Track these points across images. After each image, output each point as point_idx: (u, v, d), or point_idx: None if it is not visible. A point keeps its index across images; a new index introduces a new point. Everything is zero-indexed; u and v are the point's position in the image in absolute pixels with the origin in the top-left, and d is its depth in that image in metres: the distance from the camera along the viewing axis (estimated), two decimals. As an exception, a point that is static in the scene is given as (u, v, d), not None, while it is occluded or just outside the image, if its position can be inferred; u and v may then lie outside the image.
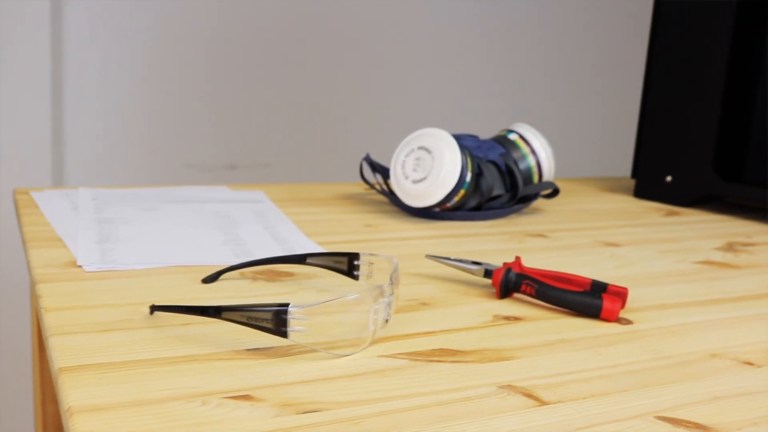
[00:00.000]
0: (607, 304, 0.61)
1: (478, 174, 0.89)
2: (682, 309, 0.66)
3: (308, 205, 0.95)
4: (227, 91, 2.08)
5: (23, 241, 0.75)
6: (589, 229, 0.92)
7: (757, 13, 1.04)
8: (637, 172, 1.12)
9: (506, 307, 0.63)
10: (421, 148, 0.86)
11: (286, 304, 0.51)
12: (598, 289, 0.64)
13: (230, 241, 0.77)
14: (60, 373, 0.48)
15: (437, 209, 0.89)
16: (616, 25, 2.41)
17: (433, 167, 0.85)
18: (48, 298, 0.60)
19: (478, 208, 0.91)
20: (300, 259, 0.66)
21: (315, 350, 0.53)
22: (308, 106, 2.16)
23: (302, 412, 0.45)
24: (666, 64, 1.07)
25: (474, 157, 0.89)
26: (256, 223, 0.84)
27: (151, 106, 2.00)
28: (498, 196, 0.92)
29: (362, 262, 0.64)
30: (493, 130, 0.97)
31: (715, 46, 1.02)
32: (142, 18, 1.94)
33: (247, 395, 0.47)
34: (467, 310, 0.62)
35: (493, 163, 0.92)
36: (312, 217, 0.90)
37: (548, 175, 0.96)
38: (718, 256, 0.83)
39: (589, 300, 0.61)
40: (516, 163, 0.93)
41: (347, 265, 0.64)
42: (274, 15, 2.07)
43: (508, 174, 0.93)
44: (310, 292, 0.65)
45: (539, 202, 1.02)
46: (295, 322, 0.51)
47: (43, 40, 1.84)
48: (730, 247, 0.88)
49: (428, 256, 0.69)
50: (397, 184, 0.88)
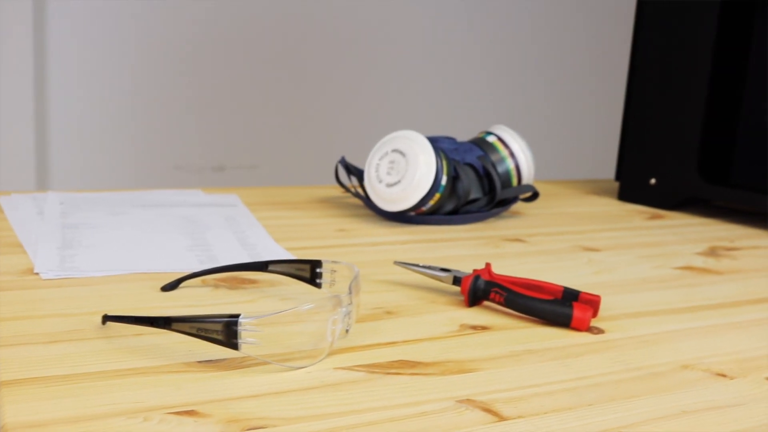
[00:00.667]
0: (578, 312, 0.59)
1: (455, 177, 0.87)
2: (657, 317, 0.64)
3: (282, 209, 0.93)
4: (215, 93, 2.06)
5: (-18, 248, 0.73)
6: (568, 233, 0.89)
7: (741, 14, 1.02)
8: (620, 175, 1.10)
9: (474, 315, 0.61)
10: (395, 151, 0.84)
11: (237, 315, 0.49)
12: (570, 297, 0.62)
13: (196, 247, 0.75)
14: (1, 387, 0.46)
15: (412, 213, 0.87)
16: (599, 26, 2.39)
17: (407, 171, 0.83)
18: (1, 306, 0.58)
19: (454, 212, 0.89)
20: (262, 267, 0.64)
21: (267, 363, 0.50)
22: (296, 108, 2.14)
23: (248, 429, 0.43)
24: (649, 65, 1.05)
25: (450, 160, 0.86)
26: (226, 228, 0.82)
27: (138, 107, 1.98)
28: (475, 200, 0.90)
29: (325, 270, 0.61)
30: (476, 132, 0.95)
31: (698, 46, 1.00)
32: (127, 18, 1.92)
33: (192, 410, 0.45)
34: (433, 319, 0.60)
35: (471, 166, 0.90)
36: (284, 221, 0.88)
37: (528, 178, 0.94)
38: (699, 262, 0.81)
39: (558, 309, 0.59)
40: (494, 166, 0.91)
41: (310, 272, 0.62)
42: (263, 17, 2.05)
43: (486, 177, 0.91)
44: (272, 300, 0.63)
45: (519, 206, 1.00)
46: (247, 334, 0.49)
47: (25, 41, 1.82)
48: (713, 252, 0.85)
49: (396, 263, 0.67)
50: (371, 188, 0.86)
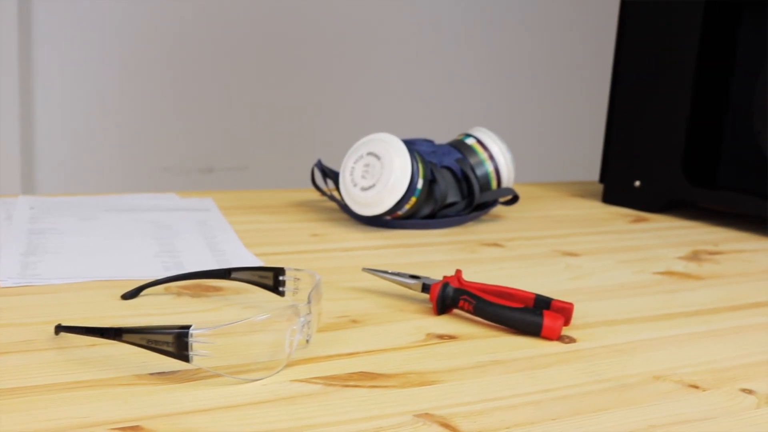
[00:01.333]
0: (548, 321, 0.57)
1: (432, 181, 0.85)
2: (632, 325, 0.62)
3: (257, 213, 0.91)
4: (203, 94, 2.04)
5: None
6: (548, 237, 0.88)
7: (726, 14, 1.00)
8: (605, 177, 1.08)
9: (442, 324, 0.59)
10: (370, 154, 0.82)
11: (188, 327, 0.47)
12: (542, 305, 0.60)
13: (163, 253, 0.73)
14: (-55, 401, 0.45)
15: (388, 217, 0.85)
16: (584, 27, 2.37)
17: (382, 174, 0.81)
18: (-50, 317, 0.56)
19: (432, 216, 0.87)
20: (224, 274, 0.62)
21: (221, 375, 0.49)
22: (286, 108, 2.12)
23: (193, 446, 0.41)
24: (633, 66, 1.04)
25: (427, 163, 0.85)
26: (196, 234, 0.80)
27: (126, 108, 1.96)
28: (453, 204, 0.88)
29: (288, 278, 0.60)
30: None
31: (682, 47, 0.99)
32: (114, 19, 1.90)
33: (138, 426, 0.43)
34: (399, 328, 0.58)
35: (449, 169, 0.88)
36: (258, 226, 0.86)
37: (507, 181, 0.92)
38: (681, 266, 0.79)
39: (528, 317, 0.57)
40: (473, 169, 0.89)
41: (273, 280, 0.60)
42: (252, 18, 2.03)
43: (464, 180, 0.89)
44: (235, 308, 0.61)
45: (500, 209, 0.98)
46: (198, 346, 0.47)
47: (10, 42, 1.80)
48: (695, 256, 0.84)
49: (365, 270, 0.65)
50: (345, 192, 0.84)
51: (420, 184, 0.82)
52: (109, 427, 0.43)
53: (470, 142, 0.91)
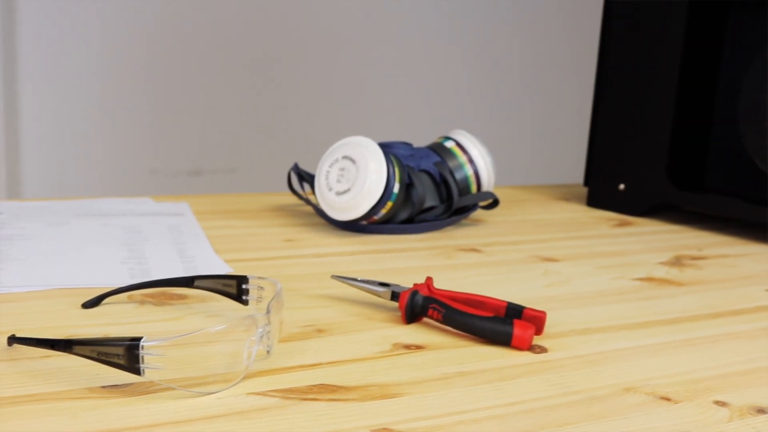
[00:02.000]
0: (518, 330, 0.55)
1: (409, 184, 0.84)
2: (607, 334, 0.60)
3: (232, 217, 0.89)
4: (191, 96, 2.02)
5: None
6: (528, 242, 0.86)
7: (711, 14, 0.98)
8: (589, 180, 1.06)
9: (411, 334, 0.58)
10: (345, 158, 0.81)
11: (139, 339, 0.46)
12: (513, 314, 0.59)
13: (131, 260, 0.71)
14: None
15: (364, 222, 0.83)
16: (568, 28, 2.36)
17: (357, 178, 0.79)
18: None
19: (410, 221, 0.85)
20: (188, 282, 0.60)
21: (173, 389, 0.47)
22: (274, 111, 2.11)
23: (138, 465, 0.39)
24: (617, 66, 1.02)
25: (404, 167, 0.83)
26: (167, 239, 0.78)
27: (113, 110, 1.95)
28: (431, 208, 0.87)
29: (252, 286, 0.58)
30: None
31: (667, 48, 0.97)
32: (101, 21, 1.88)
33: (83, 443, 0.41)
34: (366, 338, 0.57)
35: (427, 173, 0.87)
36: (232, 231, 0.84)
37: (487, 185, 0.90)
38: (662, 272, 0.78)
39: (498, 326, 0.56)
40: (452, 173, 0.87)
41: (236, 288, 0.58)
42: (240, 21, 2.02)
43: (443, 184, 0.87)
44: (199, 317, 0.59)
45: (481, 214, 0.96)
46: (150, 358, 0.46)
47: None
48: (678, 261, 0.82)
49: (333, 277, 0.63)
50: (321, 196, 0.82)
51: (396, 189, 0.81)
52: (54, 443, 0.41)
53: (449, 145, 0.90)
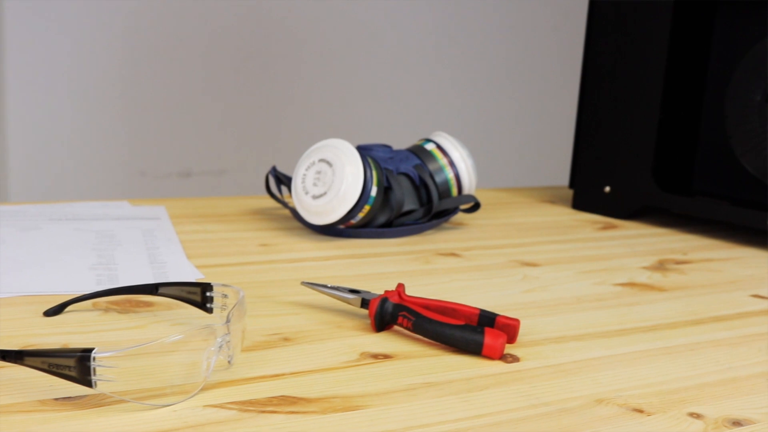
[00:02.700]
0: (489, 339, 0.53)
1: (387, 188, 0.82)
2: (583, 342, 0.59)
3: (208, 221, 0.88)
4: (181, 97, 2.01)
5: None
6: (509, 246, 0.84)
7: (698, 14, 0.97)
8: (574, 183, 1.05)
9: (379, 342, 0.56)
10: (322, 161, 0.79)
11: (90, 350, 0.44)
12: (486, 322, 0.57)
13: (100, 266, 0.70)
14: None
15: (341, 226, 0.81)
16: (553, 28, 2.34)
17: (333, 182, 0.78)
18: None
19: (388, 225, 0.84)
20: (151, 289, 0.59)
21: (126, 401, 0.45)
22: (265, 112, 2.09)
23: (82, 483, 0.38)
24: (602, 67, 1.00)
25: (382, 170, 0.81)
26: (139, 244, 0.77)
27: (102, 111, 1.93)
28: (411, 212, 0.85)
29: (216, 294, 0.56)
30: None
31: (652, 48, 0.95)
32: (89, 21, 1.87)
33: (29, 459, 0.39)
34: (333, 347, 0.55)
35: (406, 176, 0.85)
36: (207, 235, 0.82)
37: (468, 188, 0.89)
38: (644, 277, 0.76)
39: (468, 335, 0.54)
40: (431, 176, 0.86)
41: (200, 296, 0.57)
42: (229, 22, 2.00)
43: (423, 187, 0.86)
44: (163, 325, 0.58)
45: (463, 217, 0.95)
46: (102, 370, 0.44)
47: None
48: (661, 266, 0.80)
49: (303, 283, 0.62)
50: (297, 200, 0.80)
51: (374, 192, 0.79)
52: (-2, 460, 0.39)
53: (430, 147, 0.88)
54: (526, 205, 1.07)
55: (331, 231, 0.82)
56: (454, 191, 0.88)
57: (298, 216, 0.84)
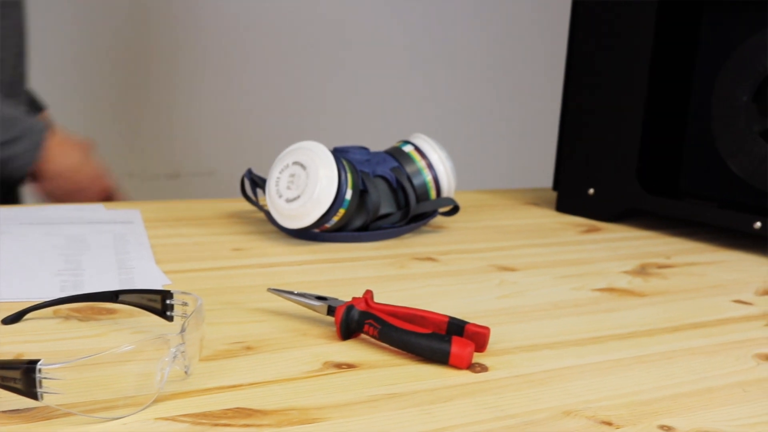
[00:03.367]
0: (456, 348, 0.52)
1: (363, 191, 0.80)
2: (555, 350, 0.57)
3: (183, 225, 0.86)
4: (169, 98, 1.99)
5: None
6: (488, 250, 0.83)
7: (682, 14, 0.95)
8: (558, 185, 1.03)
9: (345, 351, 0.54)
10: (296, 164, 0.78)
11: (36, 362, 0.42)
12: (454, 330, 0.56)
13: (66, 271, 0.68)
14: None
15: (316, 230, 0.80)
16: (537, 29, 2.33)
17: (307, 185, 0.76)
18: None
19: (365, 228, 0.82)
20: (112, 297, 0.57)
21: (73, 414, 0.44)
22: (253, 113, 2.08)
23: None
24: (585, 67, 0.99)
25: (358, 172, 0.80)
26: (109, 249, 0.75)
27: (89, 111, 1.91)
28: (387, 215, 0.83)
29: (176, 301, 0.55)
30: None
31: (636, 49, 0.94)
32: (78, 20, 1.85)
33: (-34, 477, 0.38)
34: (296, 356, 0.53)
35: (383, 178, 0.83)
36: (180, 239, 0.81)
37: (447, 191, 0.87)
38: (624, 282, 0.75)
39: (435, 344, 0.52)
40: (409, 178, 0.84)
41: (161, 303, 0.55)
42: (219, 21, 1.99)
43: (400, 190, 0.84)
44: (123, 334, 0.56)
45: (442, 221, 0.93)
46: (49, 383, 0.42)
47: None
48: (643, 270, 0.79)
49: (270, 290, 0.60)
50: (271, 204, 0.79)
51: (349, 195, 0.77)
52: (-67, 477, 0.38)
53: (408, 149, 0.87)
54: (508, 208, 1.05)
55: (305, 235, 0.81)
56: (433, 194, 0.86)
57: (272, 220, 0.82)
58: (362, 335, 0.57)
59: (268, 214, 0.83)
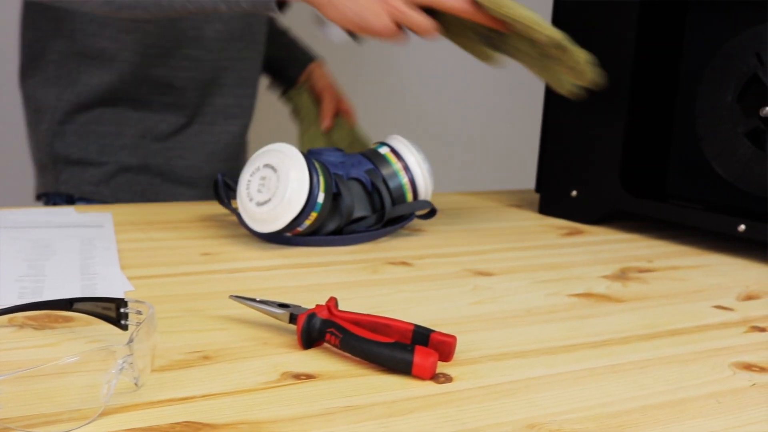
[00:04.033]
0: (419, 358, 0.50)
1: (336, 194, 0.79)
2: (525, 359, 0.55)
3: (153, 229, 0.84)
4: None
5: None
6: (465, 254, 0.81)
7: (666, 14, 0.94)
8: (540, 186, 1.01)
9: (305, 361, 0.53)
10: (266, 166, 0.76)
11: (-29, 374, 0.41)
12: (419, 338, 0.54)
13: (27, 277, 0.66)
14: None
15: (289, 234, 0.78)
16: None
17: (278, 188, 0.74)
18: None
19: (339, 232, 0.80)
20: (66, 305, 0.55)
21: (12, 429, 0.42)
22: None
23: None
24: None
25: (331, 175, 0.78)
26: (75, 254, 0.73)
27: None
28: (362, 218, 0.82)
29: (130, 310, 0.53)
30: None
31: (618, 49, 0.92)
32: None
33: None
34: (254, 366, 0.51)
35: (357, 181, 0.82)
36: (149, 243, 0.79)
37: (424, 193, 0.85)
38: (603, 287, 0.73)
39: (398, 354, 0.51)
40: (384, 181, 0.82)
41: (115, 312, 0.54)
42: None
43: (375, 193, 0.82)
44: (78, 343, 0.54)
45: (421, 224, 0.91)
46: (-14, 396, 0.41)
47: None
48: (623, 274, 0.77)
49: (232, 297, 0.58)
50: (242, 207, 0.77)
51: (321, 198, 0.76)
52: None
53: (383, 151, 0.85)
54: (490, 210, 1.03)
55: (278, 239, 0.79)
56: (409, 197, 0.84)
57: (244, 223, 0.80)
58: (325, 344, 0.55)
59: (240, 218, 0.81)
